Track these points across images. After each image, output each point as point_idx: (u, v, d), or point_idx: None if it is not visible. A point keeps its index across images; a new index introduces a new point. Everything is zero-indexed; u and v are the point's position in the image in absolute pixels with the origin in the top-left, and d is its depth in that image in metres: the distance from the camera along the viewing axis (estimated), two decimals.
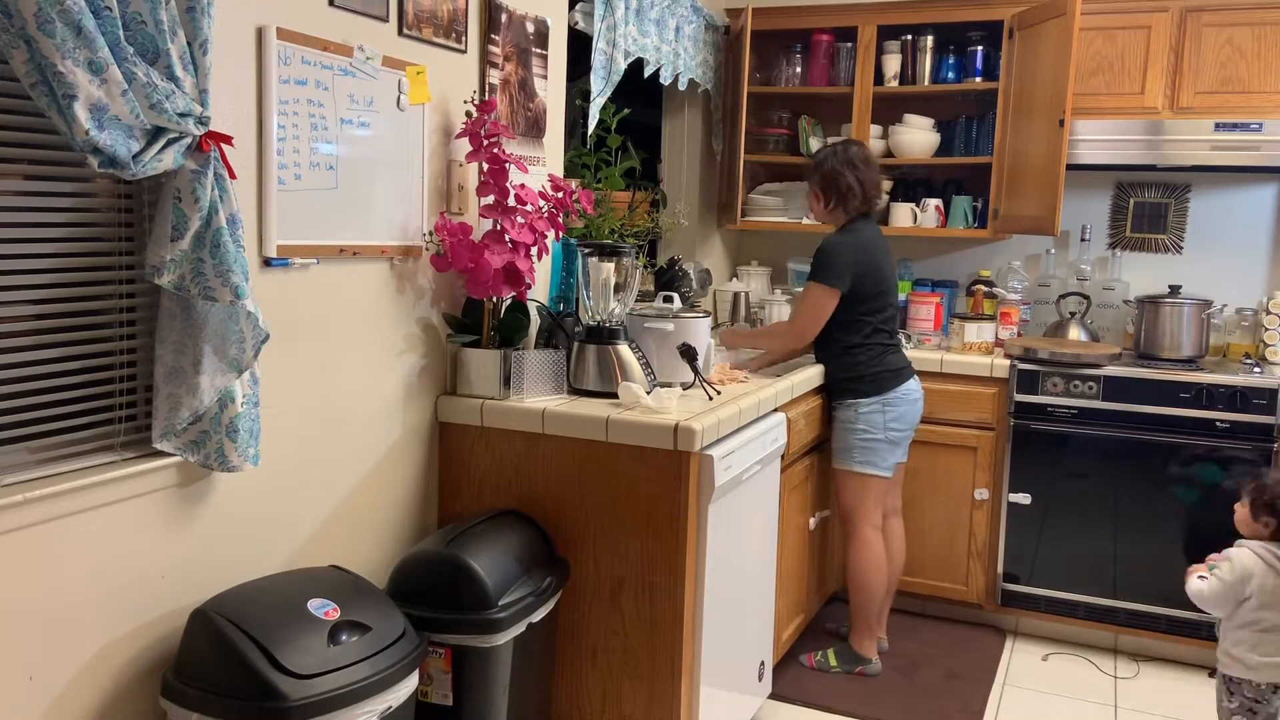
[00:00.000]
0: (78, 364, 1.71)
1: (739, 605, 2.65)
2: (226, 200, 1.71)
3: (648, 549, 2.36)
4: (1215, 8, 3.48)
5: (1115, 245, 3.97)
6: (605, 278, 2.61)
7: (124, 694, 1.77)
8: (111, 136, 1.52)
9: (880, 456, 3.18)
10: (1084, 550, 3.48)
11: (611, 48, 3.13)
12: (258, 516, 2.00)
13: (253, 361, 1.78)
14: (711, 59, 3.95)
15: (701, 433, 2.29)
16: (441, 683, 2.11)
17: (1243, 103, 3.47)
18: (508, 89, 2.63)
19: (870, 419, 3.17)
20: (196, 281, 1.71)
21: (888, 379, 3.16)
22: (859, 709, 3.06)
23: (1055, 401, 3.49)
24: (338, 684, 1.69)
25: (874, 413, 3.17)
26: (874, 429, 3.17)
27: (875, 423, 3.17)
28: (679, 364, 2.70)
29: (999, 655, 3.49)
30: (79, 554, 1.66)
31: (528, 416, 2.43)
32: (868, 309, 3.15)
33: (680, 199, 4.06)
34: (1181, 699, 3.22)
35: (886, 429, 3.17)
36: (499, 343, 2.52)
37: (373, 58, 2.16)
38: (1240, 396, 3.28)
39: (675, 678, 2.36)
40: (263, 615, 1.74)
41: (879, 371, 3.16)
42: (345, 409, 2.20)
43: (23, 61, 1.44)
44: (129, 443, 1.80)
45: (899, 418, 3.18)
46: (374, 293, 2.26)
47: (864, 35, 3.87)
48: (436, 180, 2.43)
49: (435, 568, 2.12)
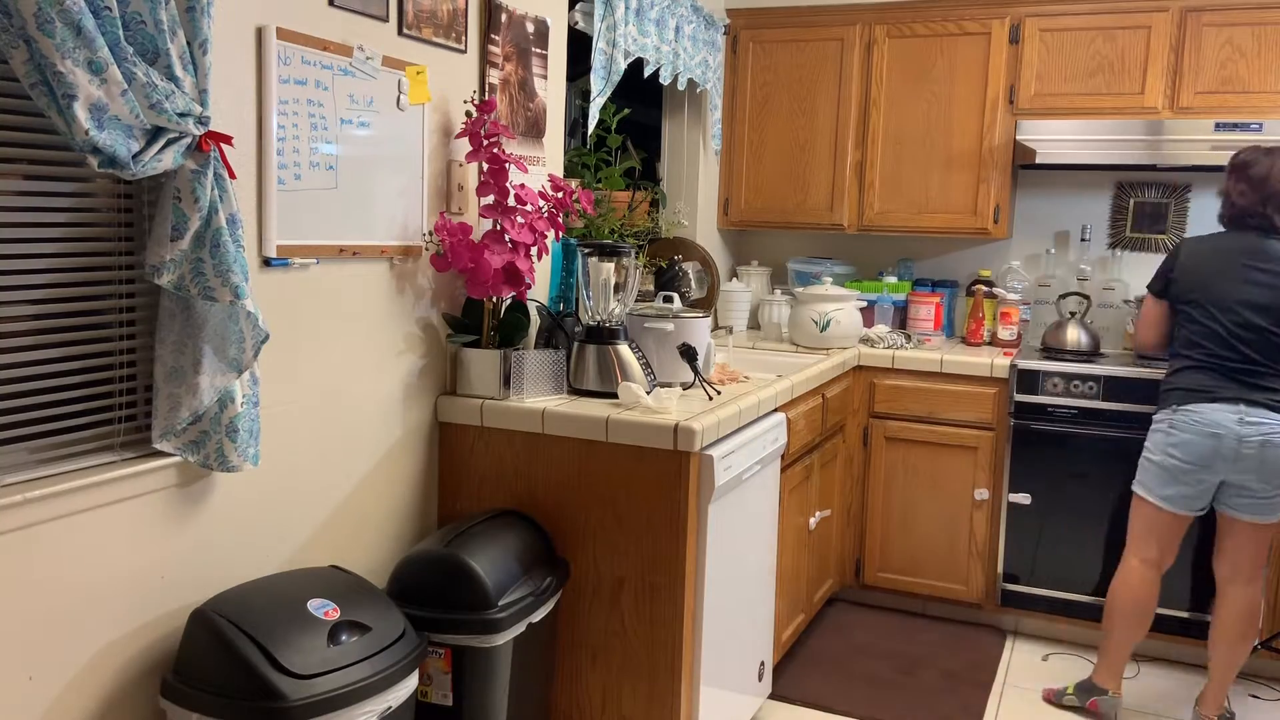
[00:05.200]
0: (77, 364, 1.71)
1: (739, 605, 2.65)
2: (226, 200, 1.71)
3: (648, 549, 2.36)
4: (1215, 8, 3.48)
5: (1115, 245, 3.97)
6: (605, 278, 2.61)
7: (124, 694, 1.77)
8: (111, 136, 1.52)
9: (1154, 481, 2.88)
10: (1084, 550, 3.48)
11: (611, 48, 3.13)
12: (258, 516, 2.00)
13: (252, 361, 1.78)
14: (711, 59, 3.96)
15: (701, 433, 2.29)
16: (441, 683, 2.11)
17: (1243, 103, 3.47)
18: (508, 89, 2.63)
19: (1153, 436, 2.91)
20: (196, 281, 1.71)
21: (1179, 395, 2.83)
22: (859, 709, 3.06)
23: (1055, 401, 3.49)
24: (338, 684, 1.69)
25: (1158, 431, 2.89)
26: (1153, 449, 2.89)
27: (1156, 442, 2.89)
28: (679, 364, 2.70)
29: (999, 655, 3.49)
30: (79, 554, 1.66)
31: (528, 416, 2.43)
32: (1180, 319, 2.90)
33: (680, 198, 4.07)
34: (1181, 699, 3.22)
35: (1165, 452, 2.84)
36: (499, 343, 2.52)
37: (373, 58, 2.16)
38: None
39: (675, 678, 2.36)
40: (263, 615, 1.74)
41: (1173, 385, 2.87)
42: (345, 409, 2.20)
43: (23, 61, 1.44)
44: (129, 443, 1.80)
45: (1181, 445, 2.80)
46: (374, 293, 2.26)
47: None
48: (436, 180, 2.43)
49: (435, 568, 2.13)
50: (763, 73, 4.11)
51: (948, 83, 3.83)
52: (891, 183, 3.93)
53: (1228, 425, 2.73)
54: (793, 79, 4.06)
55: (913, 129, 3.90)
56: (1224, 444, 2.74)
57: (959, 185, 3.85)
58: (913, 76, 3.88)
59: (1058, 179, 4.03)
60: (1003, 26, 3.74)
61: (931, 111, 3.87)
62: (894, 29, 3.89)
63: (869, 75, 3.95)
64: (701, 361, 2.74)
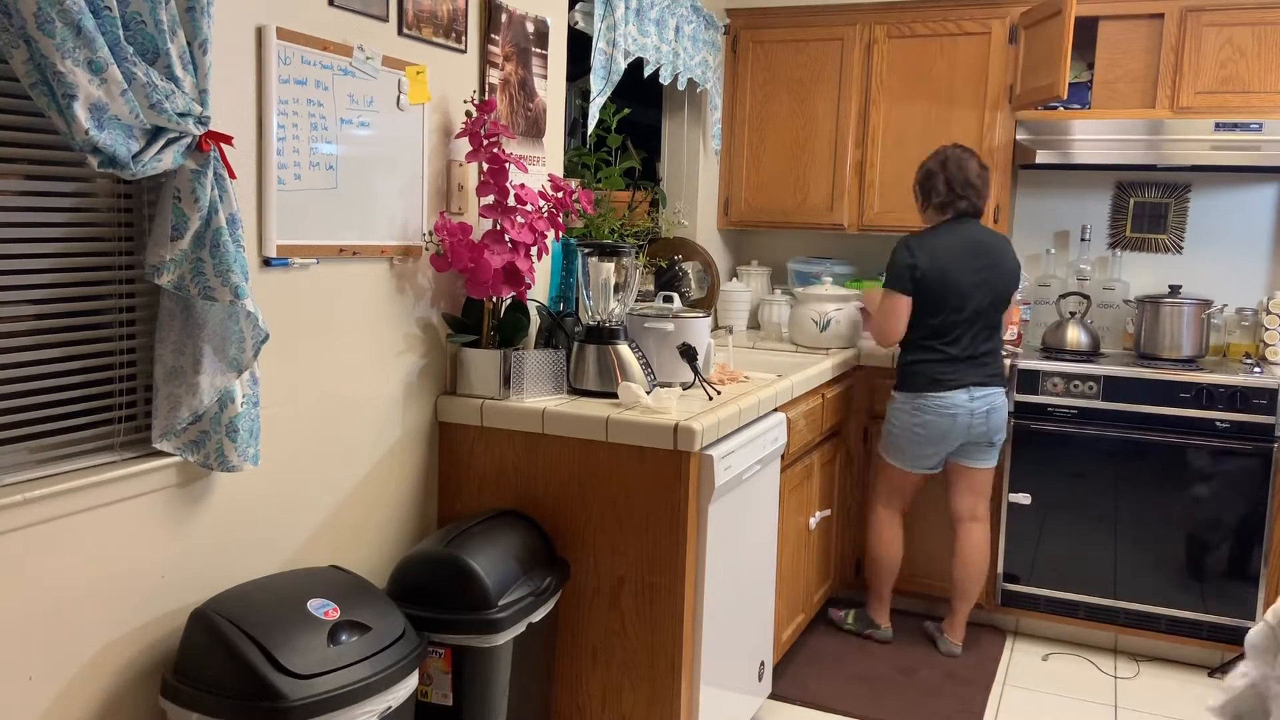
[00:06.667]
0: (77, 364, 1.71)
1: (739, 605, 2.65)
2: (226, 200, 1.71)
3: (648, 549, 2.36)
4: (1215, 8, 3.48)
5: (1115, 245, 3.97)
6: (605, 278, 2.61)
7: (124, 694, 1.77)
8: (111, 136, 1.52)
9: (901, 451, 3.34)
10: (1084, 550, 3.48)
11: (611, 48, 3.13)
12: (257, 516, 2.00)
13: (252, 361, 1.78)
14: (711, 59, 3.96)
15: (701, 433, 2.29)
16: (441, 683, 2.11)
17: (1243, 103, 3.47)
18: (508, 89, 2.63)
19: (898, 415, 3.33)
20: (196, 281, 1.71)
21: (922, 383, 3.25)
22: (859, 709, 3.06)
23: (1055, 401, 3.49)
24: (337, 684, 1.69)
25: (902, 411, 3.31)
26: (899, 426, 3.33)
27: (902, 421, 3.31)
28: (679, 364, 2.70)
29: (999, 655, 3.49)
30: (79, 554, 1.66)
31: (528, 416, 2.43)
32: (923, 312, 3.25)
33: (680, 198, 4.07)
34: (1181, 699, 3.22)
35: (911, 430, 3.29)
36: (499, 343, 2.52)
37: (373, 57, 2.16)
38: (1240, 396, 3.28)
39: (675, 677, 2.36)
40: (262, 615, 1.74)
41: (914, 373, 3.27)
42: (345, 409, 2.20)
43: (22, 61, 1.44)
44: (129, 443, 1.80)
45: (925, 425, 3.26)
46: (374, 293, 2.26)
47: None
48: (436, 180, 2.43)
49: (435, 568, 2.13)
50: (763, 73, 4.11)
51: (948, 83, 3.83)
52: (891, 183, 3.93)
53: (962, 404, 3.23)
54: (793, 79, 4.06)
55: (913, 129, 3.90)
56: (959, 421, 3.24)
57: None
58: (913, 76, 3.88)
59: (1057, 179, 4.04)
60: (1003, 26, 3.73)
61: (931, 111, 3.86)
62: (894, 29, 3.89)
63: (869, 75, 3.95)
64: (701, 361, 2.74)
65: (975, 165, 3.25)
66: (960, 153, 3.27)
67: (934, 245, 3.21)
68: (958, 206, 3.25)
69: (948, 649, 3.47)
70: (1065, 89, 3.31)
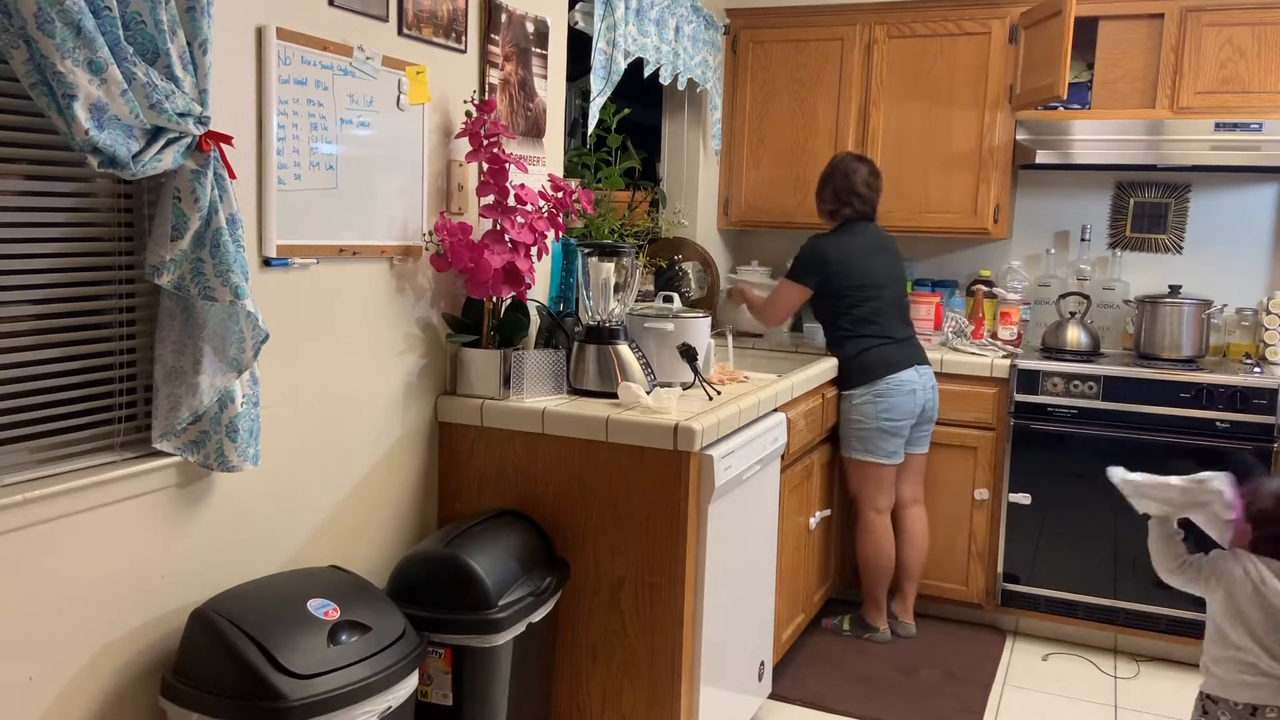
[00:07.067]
0: (77, 364, 1.71)
1: (739, 605, 2.65)
2: (226, 200, 1.71)
3: (648, 549, 2.36)
4: (1215, 8, 3.48)
5: (1115, 245, 3.97)
6: (605, 278, 2.61)
7: (124, 694, 1.77)
8: (111, 136, 1.52)
9: (875, 445, 3.37)
10: (1084, 550, 3.48)
11: (611, 48, 3.13)
12: (258, 516, 2.00)
13: (252, 361, 1.78)
14: (711, 59, 3.96)
15: (701, 433, 2.29)
16: (441, 683, 2.11)
17: (1243, 103, 3.47)
18: (507, 89, 2.63)
19: (862, 409, 3.36)
20: (196, 281, 1.71)
21: (878, 370, 3.33)
22: (859, 709, 3.06)
23: (1055, 401, 3.49)
24: (337, 684, 1.69)
25: (865, 404, 3.36)
26: (867, 419, 3.36)
27: (868, 413, 3.35)
28: (679, 364, 2.70)
29: (999, 655, 3.49)
30: (79, 554, 1.66)
31: (528, 416, 2.43)
32: (847, 304, 3.37)
33: (680, 198, 4.07)
34: (1181, 699, 3.22)
35: (879, 419, 3.34)
36: (499, 343, 2.52)
37: (372, 58, 2.16)
38: (1240, 396, 3.28)
39: (675, 678, 2.36)
40: (262, 615, 1.74)
41: (867, 364, 3.35)
42: (345, 409, 2.20)
43: (22, 61, 1.44)
44: (129, 443, 1.80)
45: (890, 408, 3.33)
46: (374, 293, 2.26)
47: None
48: (436, 180, 2.43)
49: (435, 568, 2.12)
50: (762, 73, 4.10)
51: (948, 83, 3.83)
52: (891, 183, 3.93)
53: (915, 382, 3.36)
54: (793, 79, 4.06)
55: (912, 129, 3.90)
56: (918, 398, 3.36)
57: (959, 185, 3.85)
58: (913, 76, 3.88)
59: (1057, 179, 4.03)
60: (1003, 26, 3.73)
61: (931, 111, 3.86)
62: (894, 29, 3.89)
63: (869, 75, 3.95)
64: (701, 361, 2.74)
65: (865, 172, 3.41)
66: (851, 162, 3.42)
67: (840, 243, 3.38)
68: (844, 213, 3.43)
69: (906, 632, 3.56)
70: (1065, 89, 3.32)
